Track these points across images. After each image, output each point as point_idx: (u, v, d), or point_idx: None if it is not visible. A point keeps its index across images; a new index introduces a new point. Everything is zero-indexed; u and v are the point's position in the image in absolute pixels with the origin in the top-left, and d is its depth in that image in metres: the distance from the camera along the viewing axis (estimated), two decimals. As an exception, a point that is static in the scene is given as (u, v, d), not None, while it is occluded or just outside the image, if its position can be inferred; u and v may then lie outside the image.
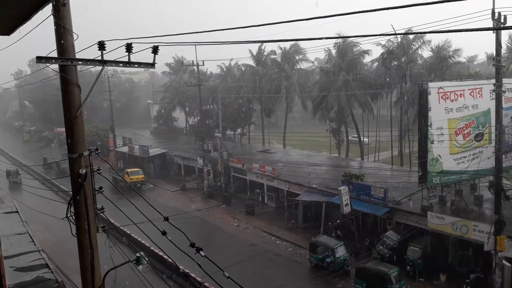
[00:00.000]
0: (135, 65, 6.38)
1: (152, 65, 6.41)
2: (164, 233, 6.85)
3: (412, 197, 26.52)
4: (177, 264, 8.38)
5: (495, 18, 17.63)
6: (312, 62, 56.66)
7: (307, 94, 49.56)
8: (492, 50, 19.96)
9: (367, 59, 46.16)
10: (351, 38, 43.09)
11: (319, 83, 45.86)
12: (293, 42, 46.99)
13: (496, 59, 19.36)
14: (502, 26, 17.79)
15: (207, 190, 41.98)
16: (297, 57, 53.20)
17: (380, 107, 52.49)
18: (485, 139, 25.20)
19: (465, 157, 25.13)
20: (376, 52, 46.92)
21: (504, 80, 20.26)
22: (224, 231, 32.74)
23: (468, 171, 24.80)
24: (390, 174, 35.84)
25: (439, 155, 24.52)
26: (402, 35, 40.80)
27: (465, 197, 26.11)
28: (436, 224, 23.08)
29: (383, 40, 41.91)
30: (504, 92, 20.37)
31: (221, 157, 41.55)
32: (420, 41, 40.87)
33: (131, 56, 6.18)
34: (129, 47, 6.13)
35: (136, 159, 53.92)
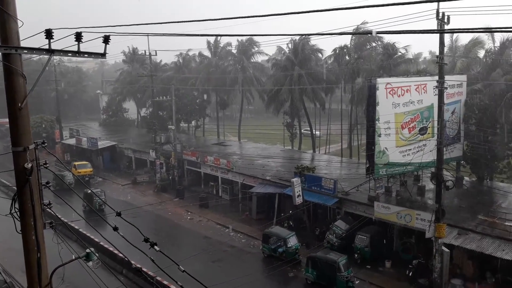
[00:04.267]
0: (85, 55, 6.14)
1: (103, 55, 6.20)
2: (115, 228, 6.72)
3: (360, 188, 27.68)
4: (129, 259, 8.24)
5: (439, 18, 18.65)
6: (267, 55, 57.02)
7: (262, 87, 49.94)
8: (436, 48, 21.17)
9: (323, 55, 47.31)
10: (304, 35, 43.74)
11: (273, 77, 46.35)
12: (249, 34, 47.16)
13: (439, 57, 20.53)
14: (445, 29, 18.83)
15: (160, 183, 41.28)
16: (252, 50, 53.35)
17: (332, 102, 53.92)
18: (429, 133, 26.68)
19: (410, 149, 26.50)
20: (330, 47, 47.96)
21: (446, 77, 21.52)
22: (178, 224, 32.42)
23: (412, 163, 26.21)
24: (339, 166, 37.12)
25: (386, 148, 25.68)
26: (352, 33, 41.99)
27: (409, 188, 27.61)
28: (382, 214, 24.23)
29: (338, 37, 42.87)
30: (446, 88, 21.66)
31: (175, 150, 40.96)
32: (374, 41, 42.42)
33: (81, 45, 5.95)
34: (78, 36, 5.89)
35: (84, 152, 51.86)
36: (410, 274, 22.38)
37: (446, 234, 20.72)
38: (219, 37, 54.59)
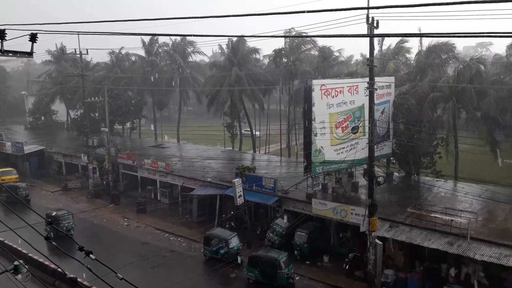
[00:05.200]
0: (9, 54, 5.68)
1: (30, 54, 5.78)
2: (47, 238, 6.30)
3: (299, 186, 28.45)
4: (62, 269, 7.73)
5: (369, 22, 19.68)
6: (205, 55, 56.56)
7: (201, 88, 49.46)
8: (367, 50, 22.34)
9: (261, 55, 47.97)
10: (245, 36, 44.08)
11: (213, 78, 46.12)
12: (185, 34, 46.41)
13: (369, 60, 21.69)
14: (375, 33, 19.92)
15: (93, 189, 39.31)
16: (189, 50, 52.63)
17: (271, 102, 54.89)
18: (360, 132, 28.07)
19: (343, 148, 27.70)
20: (267, 49, 48.95)
21: (376, 79, 22.79)
22: (114, 231, 31.06)
23: (346, 161, 27.43)
24: (279, 165, 37.86)
25: (321, 147, 26.63)
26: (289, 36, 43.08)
27: (344, 184, 28.88)
28: (319, 210, 25.09)
29: (275, 40, 43.77)
30: (376, 89, 22.92)
31: (109, 153, 39.20)
32: (308, 43, 43.88)
33: (5, 43, 5.49)
34: (1, 34, 5.43)
35: (9, 158, 47.97)
36: (347, 267, 23.40)
37: (378, 227, 21.92)
38: (155, 36, 53.17)
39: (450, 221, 21.12)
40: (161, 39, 54.49)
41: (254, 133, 48.34)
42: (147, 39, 53.99)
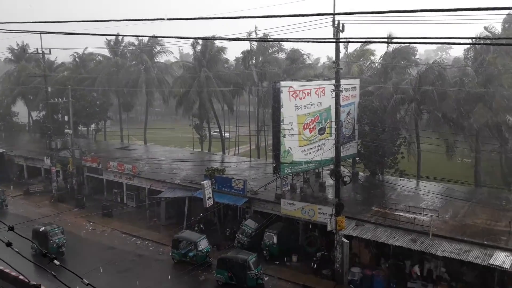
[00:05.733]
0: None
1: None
2: (9, 244, 6.09)
3: (268, 187, 28.67)
4: (25, 276, 7.46)
5: (335, 26, 20.13)
6: (172, 53, 55.80)
7: (169, 89, 48.84)
8: (333, 53, 22.85)
9: (230, 57, 48.05)
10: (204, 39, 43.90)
11: (181, 78, 45.68)
12: (151, 35, 45.71)
13: (335, 63, 22.18)
14: (341, 38, 20.40)
15: (57, 193, 38.03)
16: (156, 50, 51.87)
17: (240, 104, 54.95)
18: (327, 133, 28.63)
19: (311, 148, 28.16)
20: (235, 50, 49.04)
21: (342, 81, 23.34)
22: (79, 236, 30.14)
23: (314, 161, 27.90)
24: (249, 166, 37.98)
25: (290, 148, 26.95)
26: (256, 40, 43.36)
27: (312, 184, 29.34)
28: (288, 210, 25.38)
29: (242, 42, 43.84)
30: (342, 91, 23.46)
31: (73, 156, 37.99)
32: (276, 46, 44.33)
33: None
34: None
35: (-36, 162, 45.62)
36: (315, 266, 23.79)
37: (345, 226, 22.41)
38: (120, 37, 52.09)
39: (413, 219, 21.89)
40: (128, 39, 53.57)
41: (223, 134, 48.24)
42: (111, 39, 52.84)
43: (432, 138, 32.31)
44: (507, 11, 32.79)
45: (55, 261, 5.84)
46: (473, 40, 29.10)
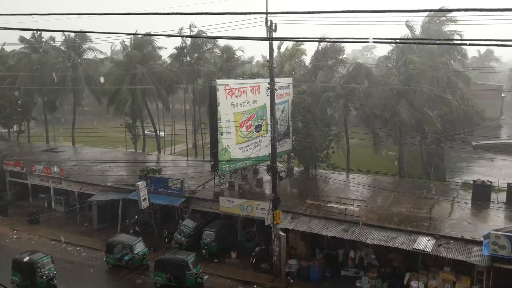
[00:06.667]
0: None
1: None
2: None
3: (206, 185, 28.57)
4: None
5: (268, 25, 20.54)
6: (101, 52, 53.15)
7: (99, 86, 46.54)
8: (267, 52, 23.31)
9: (165, 54, 46.97)
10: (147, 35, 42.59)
11: (113, 76, 43.71)
12: (78, 30, 43.24)
13: (269, 61, 22.65)
14: (274, 37, 20.84)
15: (-27, 200, 34.82)
16: (83, 47, 49.15)
17: (175, 102, 53.90)
18: (263, 130, 29.15)
19: (248, 146, 28.52)
20: (170, 46, 47.92)
21: (276, 80, 23.89)
22: (1, 246, 27.86)
23: (251, 158, 28.28)
24: (186, 166, 37.50)
25: (227, 145, 27.08)
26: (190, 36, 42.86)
27: (250, 181, 29.73)
28: (226, 208, 25.48)
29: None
30: (276, 89, 24.02)
31: (-8, 160, 35.03)
32: (210, 43, 44.15)
33: None
34: None
35: None
36: (254, 261, 24.18)
37: (282, 220, 23.02)
38: (42, 32, 48.63)
39: (344, 209, 23.03)
40: (54, 35, 50.16)
41: (158, 133, 47.11)
42: (28, 34, 49.21)
43: (360, 133, 34.20)
44: (426, 13, 35.68)
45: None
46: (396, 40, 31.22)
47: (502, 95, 58.07)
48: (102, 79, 45.68)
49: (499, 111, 55.45)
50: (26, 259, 22.06)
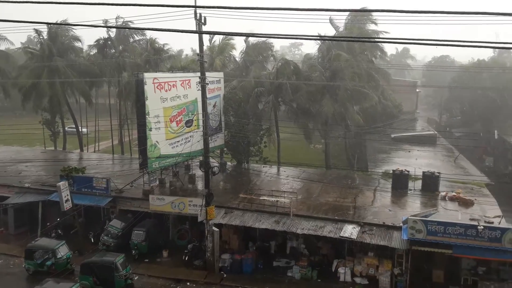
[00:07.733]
0: None
1: None
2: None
3: (135, 184, 27.53)
4: None
5: (197, 18, 20.22)
6: (12, 43, 48.50)
7: (11, 80, 42.50)
8: (197, 45, 22.91)
9: (84, 45, 44.12)
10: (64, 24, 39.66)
11: (28, 68, 40.14)
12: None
13: (200, 55, 22.33)
14: (204, 30, 20.56)
15: None
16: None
17: (99, 96, 51.00)
18: (195, 125, 28.74)
19: (179, 141, 27.94)
20: (93, 38, 44.99)
21: (207, 74, 23.64)
22: None
23: (182, 154, 27.76)
24: (112, 164, 35.79)
25: (157, 141, 26.29)
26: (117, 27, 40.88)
27: (182, 177, 29.20)
28: (157, 206, 24.80)
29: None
30: (208, 84, 23.77)
31: None
32: (137, 35, 42.45)
33: None
34: None
35: None
36: (186, 259, 23.85)
37: (215, 215, 22.96)
38: None
39: (276, 202, 23.56)
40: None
41: (80, 130, 44.37)
42: None
43: (289, 127, 35.16)
44: (347, 13, 37.47)
45: None
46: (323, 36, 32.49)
47: (417, 90, 63.23)
48: (13, 72, 41.68)
49: (414, 105, 60.34)
50: (43, 244, 23.08)
